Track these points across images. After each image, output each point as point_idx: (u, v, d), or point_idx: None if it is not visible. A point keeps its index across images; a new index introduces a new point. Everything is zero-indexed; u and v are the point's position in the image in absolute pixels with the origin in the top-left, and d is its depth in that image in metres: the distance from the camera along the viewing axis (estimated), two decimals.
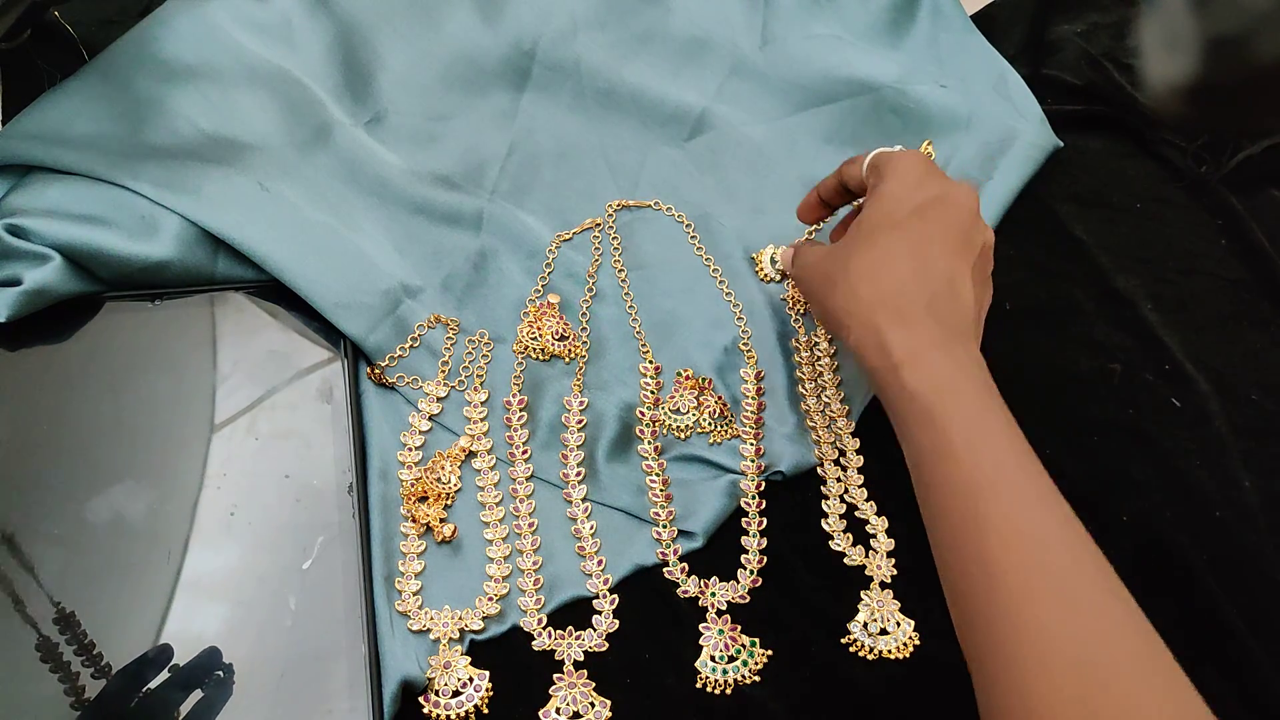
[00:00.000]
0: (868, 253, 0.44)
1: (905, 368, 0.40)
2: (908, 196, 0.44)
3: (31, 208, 0.49)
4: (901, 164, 0.46)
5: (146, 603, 0.43)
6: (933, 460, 0.39)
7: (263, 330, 0.50)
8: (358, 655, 0.43)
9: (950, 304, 0.42)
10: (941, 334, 0.41)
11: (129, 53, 0.55)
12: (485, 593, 0.46)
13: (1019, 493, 0.37)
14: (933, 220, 0.44)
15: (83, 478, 0.45)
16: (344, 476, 0.47)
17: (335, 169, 0.56)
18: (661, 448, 0.50)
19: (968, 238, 0.45)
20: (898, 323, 0.41)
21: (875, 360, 0.41)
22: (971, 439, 0.38)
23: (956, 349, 0.41)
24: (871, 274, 0.43)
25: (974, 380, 0.40)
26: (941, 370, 0.40)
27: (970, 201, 0.46)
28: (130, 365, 0.48)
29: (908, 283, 0.42)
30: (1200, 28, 0.68)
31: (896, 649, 0.46)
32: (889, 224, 0.44)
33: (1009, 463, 0.38)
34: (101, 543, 0.44)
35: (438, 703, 0.43)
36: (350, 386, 0.49)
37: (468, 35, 0.62)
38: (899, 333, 0.41)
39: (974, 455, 0.38)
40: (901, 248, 0.43)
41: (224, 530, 0.45)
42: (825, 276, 0.45)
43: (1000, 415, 0.40)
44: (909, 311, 0.41)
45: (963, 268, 0.43)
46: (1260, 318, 0.57)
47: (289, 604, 0.44)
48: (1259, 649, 0.46)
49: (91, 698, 0.40)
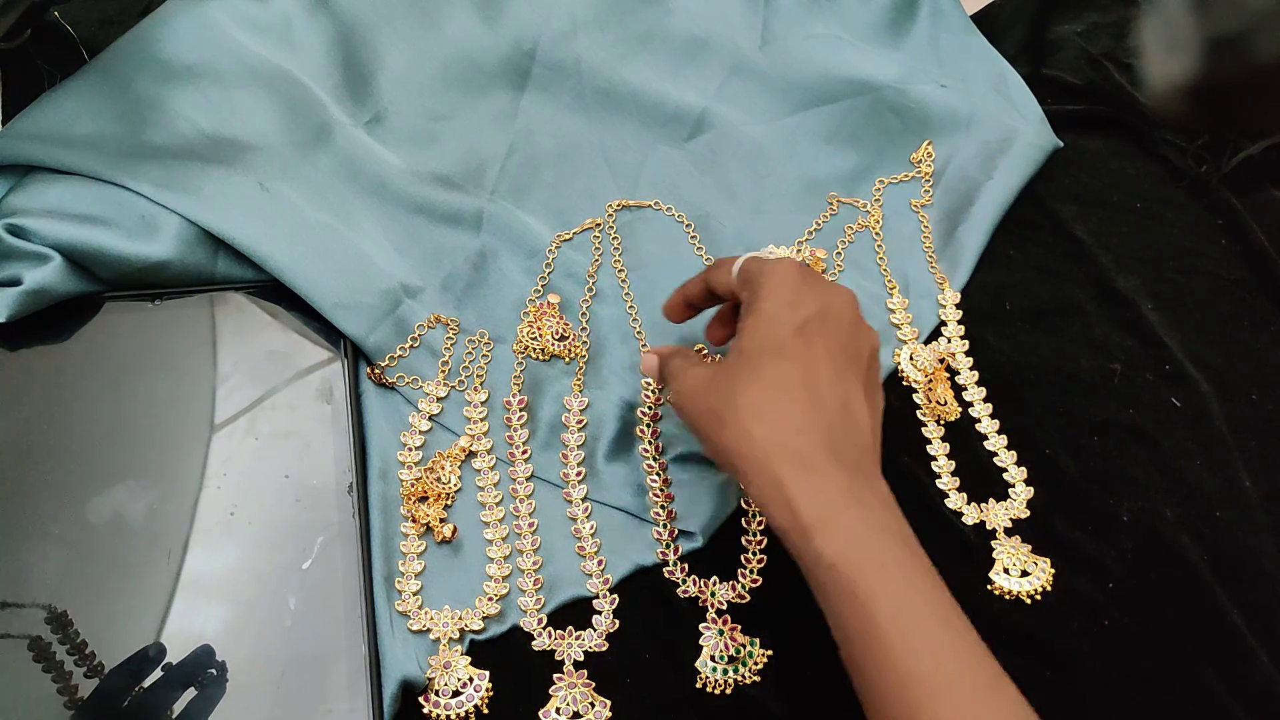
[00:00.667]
0: (754, 385, 0.40)
1: (818, 534, 0.36)
2: (787, 316, 0.41)
3: (32, 208, 0.49)
4: (774, 276, 0.42)
5: (146, 603, 0.43)
6: (861, 643, 0.36)
7: (263, 330, 0.50)
8: (358, 655, 0.43)
9: (849, 436, 0.40)
10: (847, 480, 0.38)
11: (129, 53, 0.55)
12: (485, 593, 0.46)
13: (961, 689, 0.35)
14: (816, 341, 0.41)
15: (83, 478, 0.45)
16: (344, 476, 0.47)
17: (335, 169, 0.56)
18: (662, 447, 0.50)
19: (854, 351, 0.42)
20: (801, 472, 0.38)
21: (783, 521, 0.38)
22: (901, 622, 0.35)
23: (868, 499, 0.38)
24: (762, 412, 0.39)
25: (891, 538, 0.37)
26: (857, 535, 0.37)
27: (849, 310, 0.43)
28: (130, 365, 0.48)
29: (802, 420, 0.39)
30: (1200, 28, 0.68)
31: None
32: (772, 349, 0.40)
33: (946, 650, 0.35)
34: (101, 543, 0.44)
35: (438, 703, 0.43)
36: (350, 386, 0.49)
37: (468, 35, 0.62)
38: (804, 486, 0.37)
39: (906, 642, 0.35)
40: (791, 378, 0.40)
41: (224, 530, 0.45)
42: (711, 412, 0.40)
43: (927, 579, 0.37)
44: (810, 456, 0.38)
45: (854, 388, 0.41)
46: (1260, 318, 0.57)
47: (289, 604, 0.44)
48: (1259, 649, 0.46)
49: (85, 697, 0.40)
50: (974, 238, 0.58)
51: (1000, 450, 0.52)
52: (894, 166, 0.61)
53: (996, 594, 0.48)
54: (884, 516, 0.38)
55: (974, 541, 0.49)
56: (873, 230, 0.59)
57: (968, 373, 0.54)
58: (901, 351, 0.55)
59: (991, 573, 0.48)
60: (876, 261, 0.58)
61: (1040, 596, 0.48)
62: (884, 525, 0.38)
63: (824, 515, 0.37)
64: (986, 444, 0.52)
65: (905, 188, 0.61)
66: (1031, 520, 0.50)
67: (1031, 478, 0.51)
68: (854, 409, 0.40)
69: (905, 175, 0.61)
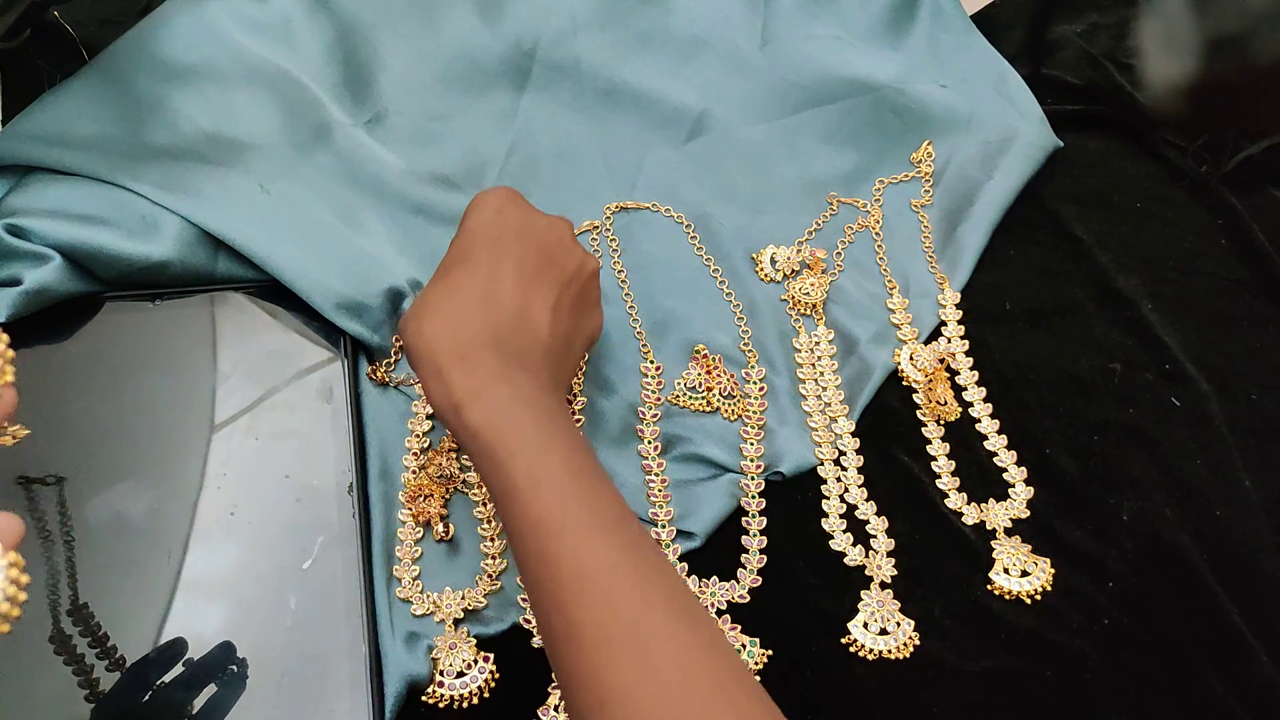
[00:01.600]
0: (437, 288, 0.43)
1: (465, 407, 0.39)
2: (483, 232, 0.44)
3: (32, 208, 0.49)
4: (481, 199, 0.45)
5: (147, 603, 0.43)
6: (503, 500, 0.38)
7: (263, 330, 0.50)
8: (358, 655, 0.43)
9: (518, 335, 0.42)
10: (501, 366, 0.40)
11: (129, 53, 0.55)
12: (484, 570, 0.46)
13: (584, 528, 0.36)
14: (507, 253, 0.43)
15: (83, 477, 0.45)
16: (344, 476, 0.47)
17: (335, 169, 0.56)
18: (660, 448, 0.50)
19: (551, 264, 0.44)
20: (458, 360, 0.40)
21: (440, 401, 0.40)
22: (535, 474, 0.37)
23: (519, 378, 0.40)
24: (438, 310, 0.42)
25: (535, 410, 0.39)
26: (499, 405, 0.39)
27: (555, 231, 0.45)
28: (130, 365, 0.48)
29: (470, 317, 0.41)
30: (1200, 28, 0.68)
31: (896, 649, 0.46)
32: (461, 259, 0.43)
33: (571, 496, 0.37)
34: (101, 542, 0.44)
35: (442, 682, 0.43)
36: (350, 386, 0.49)
37: (468, 35, 0.62)
38: (459, 370, 0.40)
39: (538, 491, 0.37)
40: (469, 283, 0.42)
41: (224, 530, 0.45)
42: (406, 318, 0.43)
43: (563, 442, 0.39)
44: (469, 347, 0.40)
45: (540, 299, 0.43)
46: (1260, 318, 0.57)
47: (289, 604, 0.44)
48: (1259, 649, 0.46)
49: (105, 691, 0.40)
50: (974, 238, 0.58)
51: (1000, 450, 0.52)
52: (894, 166, 0.61)
53: (996, 594, 0.48)
54: (532, 395, 0.40)
55: (974, 541, 0.49)
56: (873, 230, 0.59)
57: (968, 373, 0.54)
58: (901, 351, 0.55)
59: (991, 573, 0.48)
60: (876, 261, 0.58)
61: (1040, 596, 0.48)
62: (530, 401, 0.39)
63: (473, 391, 0.39)
64: (986, 444, 0.52)
65: (905, 188, 0.61)
66: (1031, 520, 0.50)
67: (1031, 478, 0.51)
68: (533, 316, 0.43)
69: (905, 175, 0.61)
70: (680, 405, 0.52)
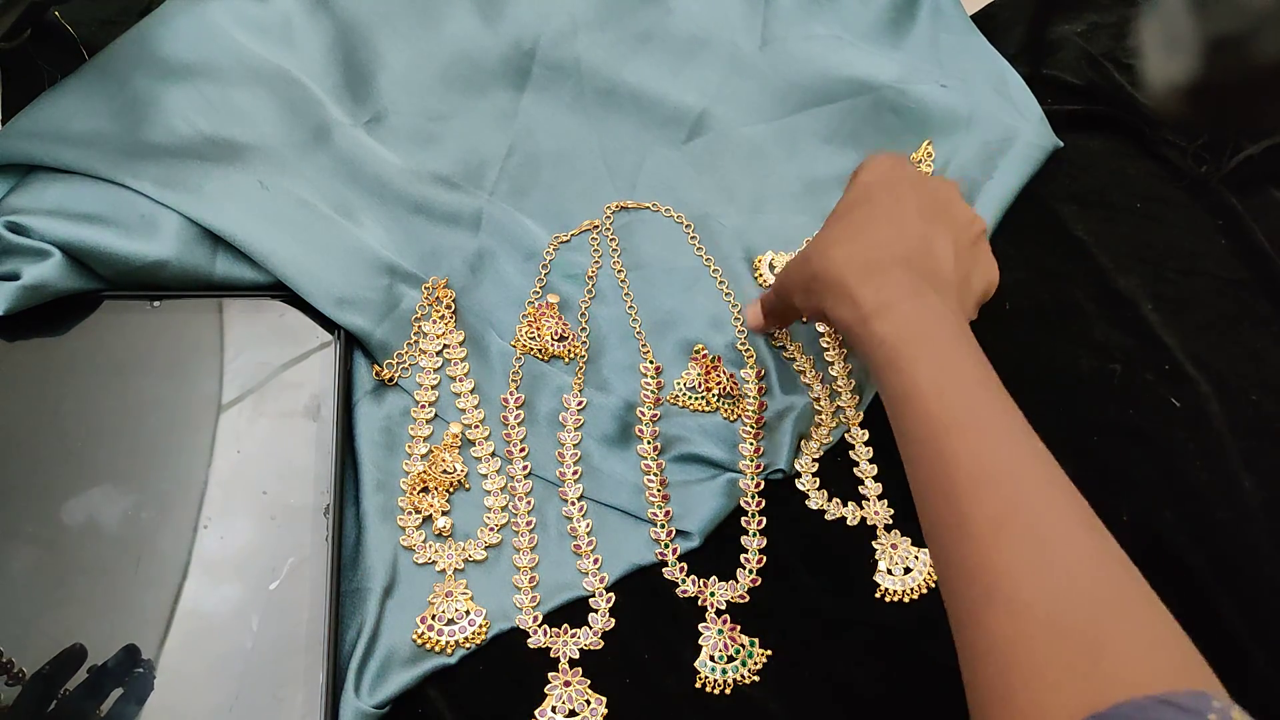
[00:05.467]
0: (840, 223, 0.45)
1: (874, 318, 0.40)
2: (881, 179, 0.46)
3: (32, 207, 0.49)
4: (874, 158, 0.48)
5: (108, 609, 0.42)
6: (902, 403, 0.38)
7: (255, 343, 0.50)
8: (315, 684, 0.42)
9: (926, 260, 0.42)
10: (912, 283, 0.41)
11: (129, 52, 0.55)
12: (485, 524, 0.47)
13: (988, 430, 0.37)
14: (905, 195, 0.45)
15: (61, 478, 0.45)
16: (322, 497, 0.46)
17: (334, 168, 0.56)
18: (660, 448, 0.50)
19: (948, 211, 0.45)
20: (867, 276, 0.41)
21: (846, 314, 0.41)
22: (939, 379, 0.38)
23: (929, 296, 0.41)
24: (847, 239, 0.43)
25: (944, 323, 0.40)
26: (910, 316, 0.40)
27: (950, 188, 0.47)
28: (123, 367, 0.48)
29: (881, 241, 0.42)
30: (1200, 28, 0.68)
31: (925, 579, 0.47)
32: (861, 201, 0.45)
33: (978, 401, 0.37)
34: (72, 545, 0.43)
35: (432, 625, 0.44)
36: (339, 406, 0.48)
37: (467, 35, 0.62)
38: (869, 285, 0.41)
39: (941, 395, 0.37)
40: (877, 215, 0.44)
41: (194, 542, 0.44)
42: (802, 260, 0.45)
43: (970, 355, 0.39)
44: (880, 264, 0.41)
45: (942, 234, 0.44)
46: (1260, 318, 0.57)
47: (251, 625, 0.43)
48: (1259, 649, 0.46)
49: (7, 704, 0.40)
50: None
51: None
52: None
53: None
54: (941, 311, 0.40)
55: None
56: None
57: None
58: None
59: None
60: None
61: None
62: (939, 316, 0.40)
63: (885, 303, 0.40)
64: None
65: None
66: None
67: None
68: (937, 248, 0.43)
69: None
70: (679, 405, 0.52)
